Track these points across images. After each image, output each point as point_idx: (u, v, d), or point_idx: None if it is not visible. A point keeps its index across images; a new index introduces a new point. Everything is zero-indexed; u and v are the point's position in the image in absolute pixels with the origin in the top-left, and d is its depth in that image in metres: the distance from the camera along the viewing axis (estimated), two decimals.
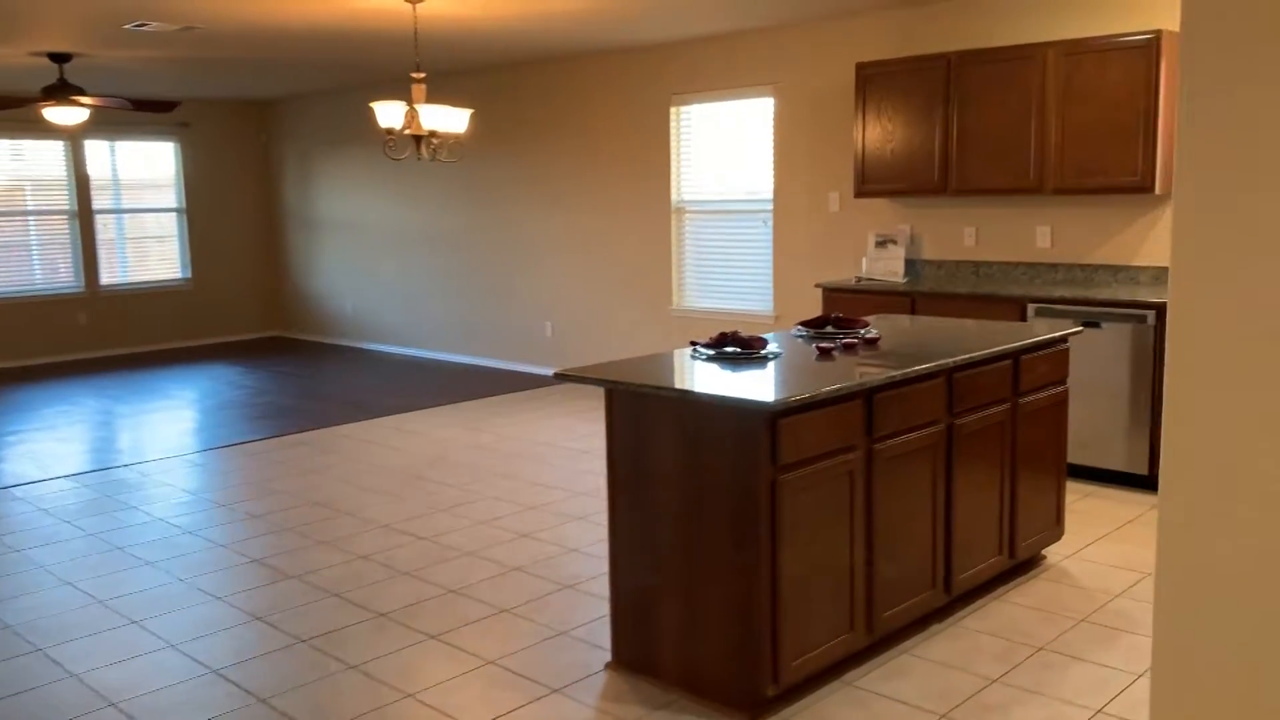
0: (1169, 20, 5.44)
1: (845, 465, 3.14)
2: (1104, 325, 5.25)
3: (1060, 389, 4.13)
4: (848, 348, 3.70)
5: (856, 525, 3.20)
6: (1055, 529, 4.21)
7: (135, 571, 4.43)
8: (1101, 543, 4.48)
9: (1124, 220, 5.74)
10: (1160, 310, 5.05)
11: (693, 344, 3.72)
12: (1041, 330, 4.10)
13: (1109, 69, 5.37)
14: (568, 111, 8.51)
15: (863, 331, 3.97)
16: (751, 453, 2.91)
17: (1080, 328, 4.24)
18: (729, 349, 3.58)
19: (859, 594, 3.25)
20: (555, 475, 5.77)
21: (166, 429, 7.20)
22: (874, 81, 6.27)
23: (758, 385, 3.02)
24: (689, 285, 7.92)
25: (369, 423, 7.25)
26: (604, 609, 3.88)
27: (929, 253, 6.53)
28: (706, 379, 3.14)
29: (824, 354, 3.59)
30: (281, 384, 8.87)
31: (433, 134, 6.02)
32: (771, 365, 3.36)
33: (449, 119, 6.02)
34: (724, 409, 2.96)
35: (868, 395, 3.20)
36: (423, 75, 5.97)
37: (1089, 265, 5.89)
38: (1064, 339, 4.11)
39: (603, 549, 4.54)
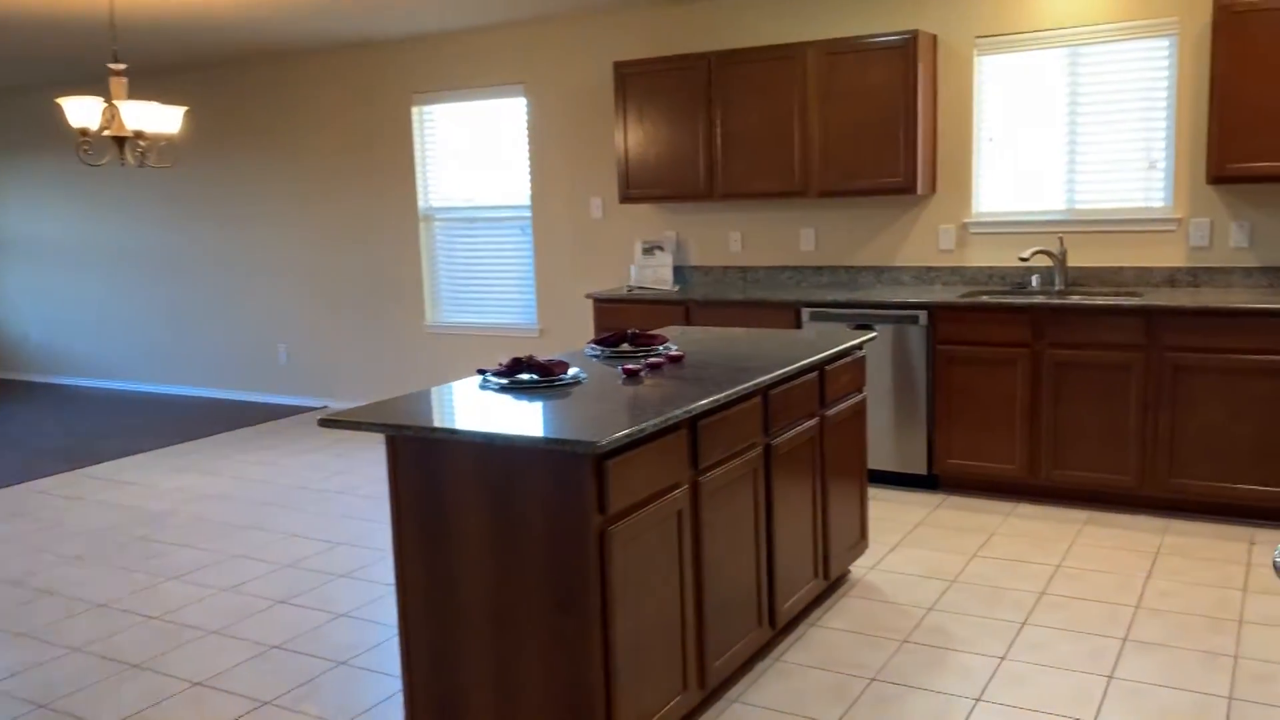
0: (924, 21, 5.50)
1: (673, 504, 2.77)
2: (877, 327, 5.21)
3: (860, 398, 3.98)
4: (653, 368, 3.35)
5: (686, 570, 2.85)
6: (861, 542, 4.06)
7: None
8: (899, 550, 4.39)
9: (885, 221, 5.76)
10: (932, 310, 5.06)
11: (480, 372, 3.24)
12: (837, 337, 3.93)
13: (868, 70, 5.35)
14: (297, 112, 7.71)
15: (663, 348, 3.63)
16: (575, 502, 2.48)
17: (874, 332, 4.11)
18: (524, 377, 3.13)
19: (691, 647, 2.90)
20: (310, 524, 5.07)
21: None
22: (633, 82, 5.99)
23: (573, 421, 2.60)
24: (444, 299, 7.35)
25: (71, 475, 6.19)
26: (390, 688, 3.31)
27: (696, 259, 6.34)
28: (510, 417, 2.68)
29: (631, 376, 3.22)
30: None
31: (139, 135, 5.15)
32: (577, 394, 2.95)
33: (158, 118, 5.18)
34: (539, 453, 2.51)
35: (692, 423, 2.86)
36: (122, 67, 5.09)
37: (853, 267, 5.88)
38: (860, 346, 3.96)
39: (378, 611, 3.95)
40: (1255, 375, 4.41)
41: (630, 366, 3.26)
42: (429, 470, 2.70)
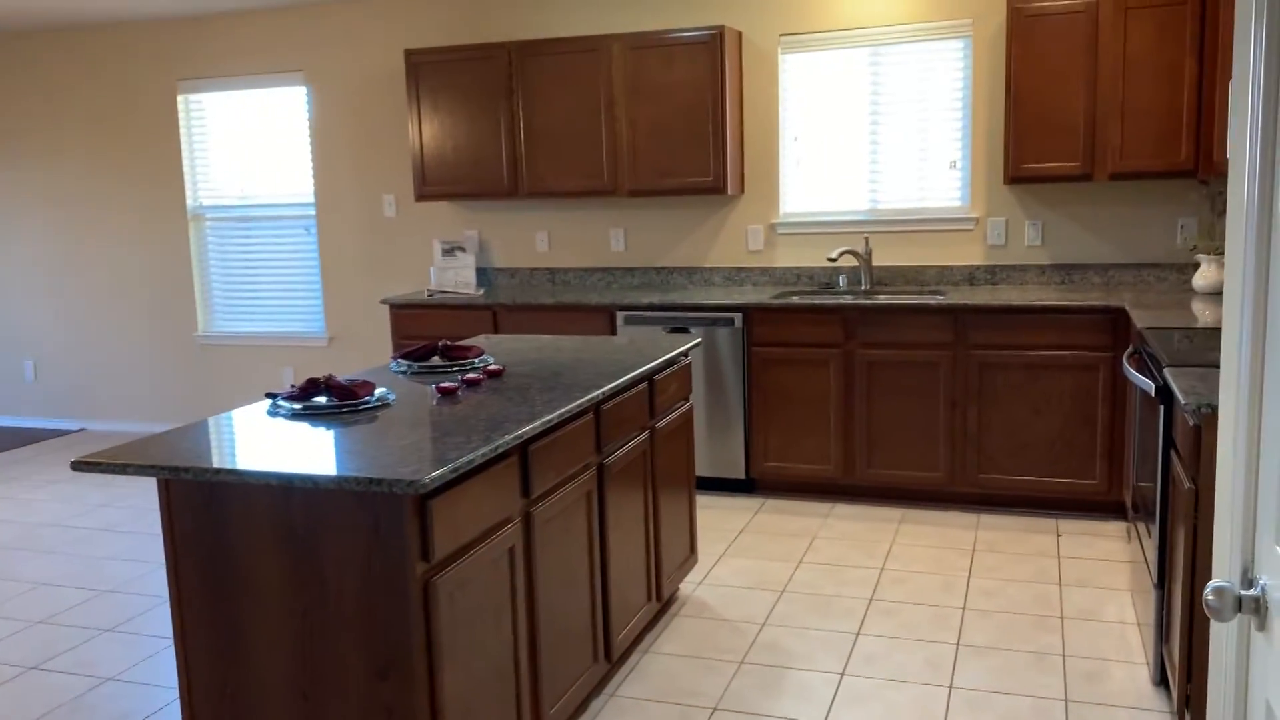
0: (729, 17, 5.39)
1: (504, 541, 2.47)
2: (693, 330, 5.07)
3: (686, 406, 3.80)
4: (471, 384, 3.03)
5: (520, 613, 2.56)
6: (690, 558, 3.88)
7: None
8: (725, 561, 4.25)
9: (695, 221, 5.63)
10: (747, 312, 4.96)
11: (269, 396, 2.82)
12: (662, 344, 3.72)
13: (675, 65, 5.19)
14: (42, 99, 6.83)
15: (479, 361, 3.32)
16: (394, 550, 2.14)
17: (698, 338, 3.93)
18: (322, 401, 2.75)
19: (526, 697, 2.61)
20: (67, 569, 4.42)
21: None
22: (427, 71, 5.60)
23: (386, 453, 2.25)
24: (217, 306, 6.70)
25: None
26: None
27: (500, 260, 6.02)
28: (310, 451, 2.31)
29: (447, 395, 2.89)
30: None
31: None
32: (386, 419, 2.60)
33: None
34: (349, 495, 2.16)
35: (522, 448, 2.56)
36: None
37: (664, 268, 5.72)
38: (686, 353, 3.77)
39: (154, 672, 3.44)
40: (1053, 371, 4.54)
41: (446, 385, 2.93)
42: (213, 518, 2.29)
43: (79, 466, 2.28)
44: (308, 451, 2.30)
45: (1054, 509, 4.72)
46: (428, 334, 5.53)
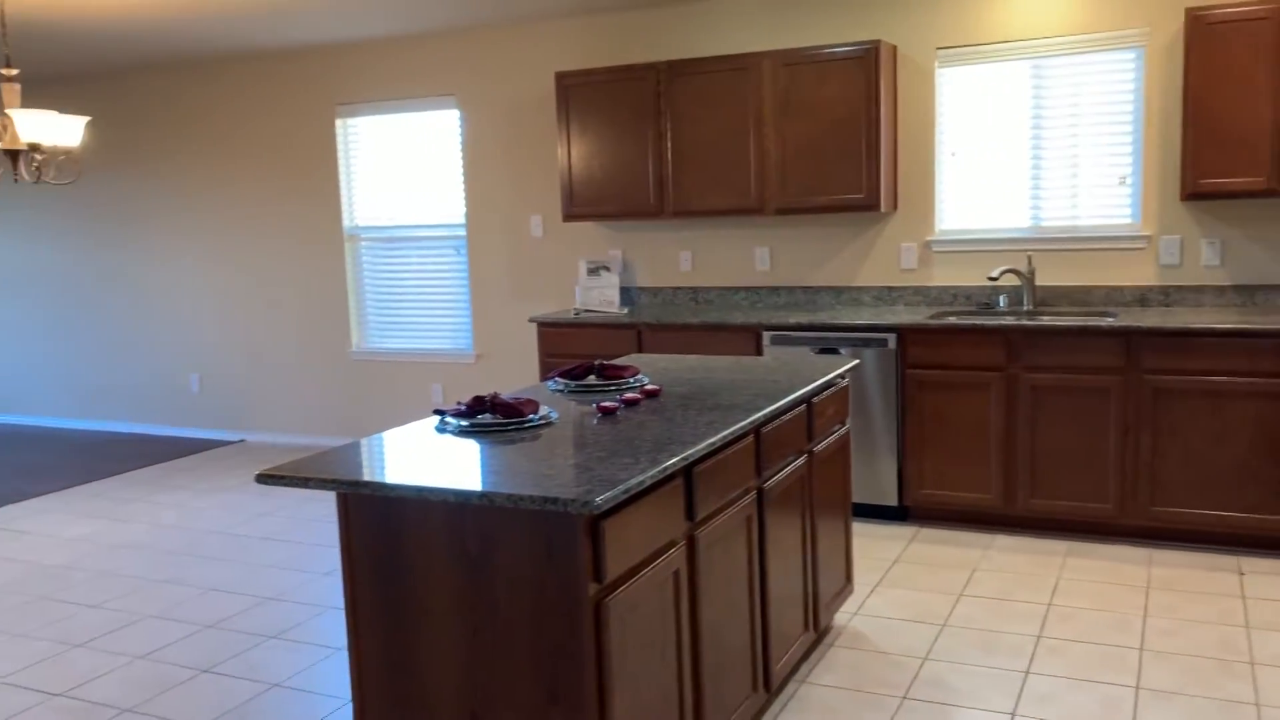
0: (883, 31, 5.28)
1: (669, 565, 2.43)
2: (842, 351, 4.96)
3: (844, 430, 3.70)
4: (629, 404, 3.01)
5: (684, 639, 2.51)
6: (847, 587, 3.77)
7: None
8: (880, 591, 4.11)
9: (844, 240, 5.52)
10: (901, 332, 4.82)
11: (438, 413, 2.86)
12: (818, 366, 3.63)
13: (828, 81, 5.11)
14: (210, 125, 7.19)
15: (635, 381, 3.30)
16: (567, 570, 2.12)
17: (856, 361, 3.83)
18: (486, 418, 2.76)
19: None
20: (233, 575, 4.59)
21: None
22: (576, 93, 5.66)
23: (555, 472, 2.24)
24: (371, 324, 6.90)
25: None
26: None
27: (644, 279, 6.02)
28: (481, 469, 2.31)
29: (607, 414, 2.87)
30: None
31: (35, 148, 4.64)
32: (551, 438, 2.59)
33: (57, 129, 4.68)
34: (523, 514, 2.15)
35: (687, 470, 2.52)
36: (14, 72, 4.59)
37: (811, 288, 5.62)
38: (843, 375, 3.67)
39: (318, 680, 3.52)
40: (1237, 398, 4.25)
41: (606, 404, 2.91)
42: (389, 533, 2.31)
43: (265, 479, 2.35)
44: (478, 469, 2.30)
45: (1235, 545, 4.42)
46: (573, 352, 5.56)
